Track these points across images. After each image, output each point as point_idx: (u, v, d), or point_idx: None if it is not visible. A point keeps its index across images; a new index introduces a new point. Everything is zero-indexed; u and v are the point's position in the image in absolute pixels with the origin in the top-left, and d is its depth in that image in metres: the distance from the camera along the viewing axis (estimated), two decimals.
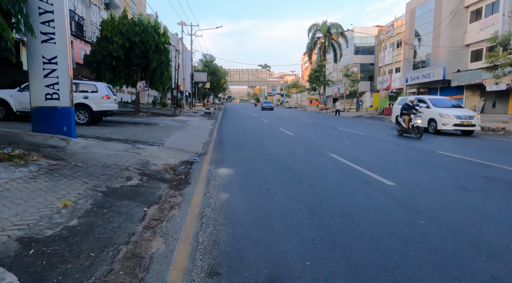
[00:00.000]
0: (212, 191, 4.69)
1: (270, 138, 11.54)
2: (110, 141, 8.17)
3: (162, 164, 6.54)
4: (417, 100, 14.39)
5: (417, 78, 33.29)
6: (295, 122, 20.18)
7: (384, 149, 9.16)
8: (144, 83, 20.71)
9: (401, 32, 39.90)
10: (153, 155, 7.24)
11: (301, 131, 13.98)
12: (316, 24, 48.23)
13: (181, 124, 15.62)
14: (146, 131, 11.37)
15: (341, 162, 6.95)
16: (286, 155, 7.88)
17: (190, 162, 7.01)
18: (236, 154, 7.97)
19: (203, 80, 41.08)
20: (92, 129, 10.44)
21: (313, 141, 10.79)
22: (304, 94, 72.64)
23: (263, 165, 6.59)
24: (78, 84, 11.73)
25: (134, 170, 5.69)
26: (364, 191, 4.71)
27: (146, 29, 19.27)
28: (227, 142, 10.29)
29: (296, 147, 9.31)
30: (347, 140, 10.87)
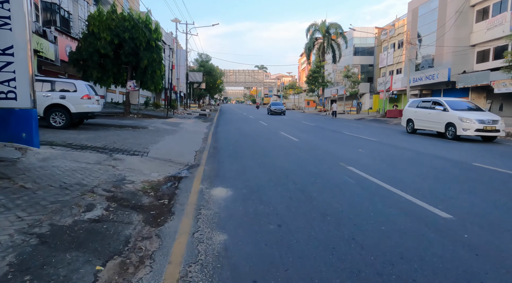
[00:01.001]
0: (204, 229, 3.35)
1: (272, 144, 10.22)
2: (83, 150, 6.79)
3: (141, 181, 5.18)
4: (432, 102, 13.19)
5: (420, 80, 32.24)
6: (296, 125, 18.89)
7: (408, 159, 7.87)
8: (135, 82, 19.30)
9: (402, 32, 38.92)
10: (132, 168, 5.88)
11: (305, 136, 12.68)
12: (315, 24, 47.17)
13: (173, 127, 14.24)
14: (131, 136, 9.99)
15: (365, 178, 5.64)
16: (294, 167, 6.56)
17: (178, 177, 5.66)
18: (235, 166, 6.63)
19: (198, 80, 39.66)
20: (67, 134, 9.04)
21: (321, 148, 9.49)
22: (301, 95, 71.54)
23: (268, 183, 5.26)
24: (54, 82, 10.32)
25: (101, 192, 4.32)
26: (414, 228, 3.40)
27: (137, 25, 17.91)
28: (224, 149, 8.95)
29: (304, 156, 7.99)
30: (360, 147, 9.58)
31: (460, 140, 11.74)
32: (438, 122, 12.39)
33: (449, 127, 11.85)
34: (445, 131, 12.07)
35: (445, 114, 12.07)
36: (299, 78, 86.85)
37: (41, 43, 15.99)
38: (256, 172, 6.14)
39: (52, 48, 17.28)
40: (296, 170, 6.32)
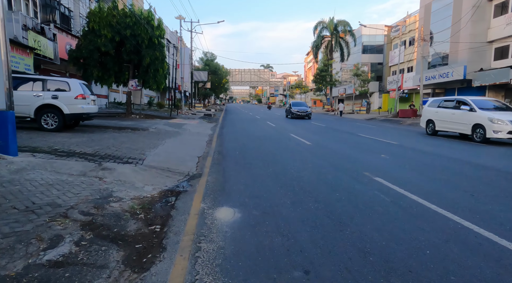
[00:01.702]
0: (203, 277, 2.44)
1: (283, 148, 9.28)
2: (69, 157, 5.93)
3: (131, 198, 4.29)
4: (456, 101, 12.11)
5: (433, 78, 30.97)
6: (306, 126, 17.91)
7: (443, 168, 6.86)
8: (137, 81, 18.51)
9: (414, 29, 37.64)
10: (123, 180, 5.00)
11: (318, 139, 11.71)
12: (323, 22, 46.03)
13: (175, 129, 13.38)
14: (129, 139, 9.14)
15: (400, 194, 4.68)
16: (312, 179, 5.62)
17: (176, 192, 4.76)
18: (242, 177, 5.71)
19: (203, 79, 38.83)
20: (58, 138, 8.21)
21: (338, 153, 8.52)
22: (308, 95, 70.41)
23: (284, 201, 4.33)
24: (46, 80, 9.51)
25: (77, 216, 3.44)
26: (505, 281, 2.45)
27: (138, 21, 17.09)
28: (230, 155, 8.04)
29: (320, 163, 7.04)
30: (381, 152, 8.59)
31: (490, 143, 10.66)
32: (464, 123, 11.32)
33: (477, 129, 10.77)
34: (472, 133, 10.99)
35: (472, 114, 11.00)
36: (305, 77, 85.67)
37: (39, 40, 15.29)
38: (268, 184, 5.21)
39: (51, 46, 16.59)
40: (315, 182, 5.38)
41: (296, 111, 25.25)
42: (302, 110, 25.40)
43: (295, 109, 25.47)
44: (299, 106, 26.35)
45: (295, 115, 25.25)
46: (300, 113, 25.21)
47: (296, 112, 25.23)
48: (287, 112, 27.27)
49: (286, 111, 27.96)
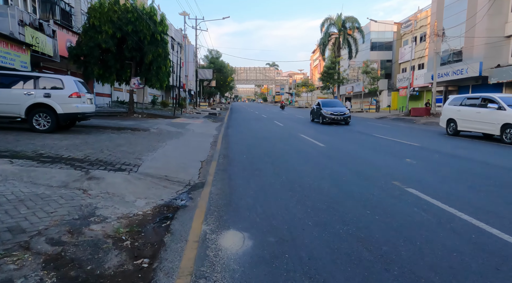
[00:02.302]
0: None
1: (295, 151, 8.46)
2: (54, 164, 5.18)
3: (118, 217, 3.52)
4: (481, 99, 11.14)
5: (446, 75, 29.81)
6: (316, 126, 17.04)
7: (486, 176, 5.96)
8: (139, 79, 17.80)
9: (425, 25, 36.42)
10: (111, 193, 4.23)
11: (331, 140, 10.85)
12: (330, 18, 44.87)
13: (178, 129, 12.62)
14: (127, 141, 8.40)
15: (445, 212, 3.84)
16: (334, 190, 4.79)
17: (173, 208, 3.98)
18: (252, 187, 4.91)
19: (208, 77, 38.07)
20: (48, 140, 7.50)
21: (356, 157, 7.67)
22: (314, 93, 69.32)
23: (305, 221, 3.52)
24: (38, 77, 8.81)
25: (43, 246, 2.68)
26: None
27: (140, 17, 16.38)
28: (236, 159, 7.24)
29: (339, 170, 6.20)
30: (405, 156, 7.72)
31: None
32: (491, 123, 10.36)
33: (507, 129, 9.81)
34: (501, 134, 10.02)
35: (501, 113, 10.03)
36: (311, 75, 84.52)
37: (37, 37, 14.64)
38: (282, 198, 4.40)
39: (50, 43, 15.93)
40: (338, 194, 4.55)
41: (330, 113, 18.06)
42: (338, 112, 18.10)
43: (328, 111, 18.27)
44: (333, 107, 19.07)
45: (328, 119, 18.10)
46: (336, 117, 18.00)
47: (329, 115, 18.05)
48: (315, 115, 19.96)
49: (313, 114, 20.61)
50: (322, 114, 18.47)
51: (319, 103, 19.82)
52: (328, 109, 18.57)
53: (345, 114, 18.14)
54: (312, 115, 20.91)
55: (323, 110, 18.48)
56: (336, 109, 18.51)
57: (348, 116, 18.20)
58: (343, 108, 19.00)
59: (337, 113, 18.12)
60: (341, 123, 18.19)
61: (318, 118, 19.17)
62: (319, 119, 19.05)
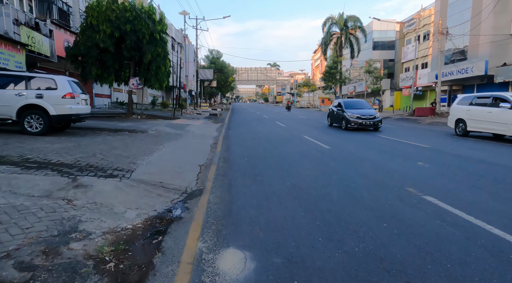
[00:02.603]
0: None
1: (299, 154, 8.04)
2: (39, 170, 4.79)
3: (104, 232, 3.12)
4: (492, 98, 10.70)
5: (451, 74, 29.33)
6: (319, 127, 16.61)
7: (509, 182, 5.56)
8: (138, 80, 17.43)
9: (428, 23, 35.95)
10: (99, 203, 3.83)
11: (336, 141, 10.43)
12: (332, 18, 44.46)
13: (177, 130, 12.23)
14: (122, 144, 8.00)
15: (472, 224, 3.42)
16: (344, 198, 4.38)
17: (166, 220, 3.57)
18: (254, 195, 4.50)
19: (209, 77, 37.67)
20: (38, 143, 7.11)
21: (365, 160, 7.25)
22: (316, 93, 68.90)
23: (315, 237, 3.11)
24: (30, 77, 8.42)
25: (10, 272, 2.28)
26: None
27: (139, 15, 16.00)
28: (237, 162, 6.83)
29: (348, 174, 5.78)
30: (416, 158, 7.29)
31: None
32: (503, 123, 9.92)
33: None
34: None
35: None
36: (313, 75, 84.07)
37: (33, 36, 14.31)
38: (288, 207, 3.99)
39: (47, 43, 15.61)
40: (349, 203, 4.13)
41: (357, 117, 14.10)
42: (367, 115, 14.18)
43: (354, 114, 14.27)
44: (359, 108, 14.99)
45: (354, 125, 14.07)
46: (364, 121, 14.03)
47: (356, 119, 14.06)
48: (335, 118, 16.03)
49: (332, 117, 16.63)
50: (345, 118, 14.42)
51: (340, 104, 15.69)
52: (353, 111, 14.50)
53: (375, 118, 14.19)
54: (330, 118, 16.94)
55: (347, 113, 14.42)
56: (364, 112, 14.48)
57: (379, 121, 14.31)
58: (371, 110, 14.95)
59: (365, 116, 14.11)
60: (370, 129, 14.37)
61: (339, 122, 15.33)
62: (339, 123, 15.24)
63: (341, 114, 15.08)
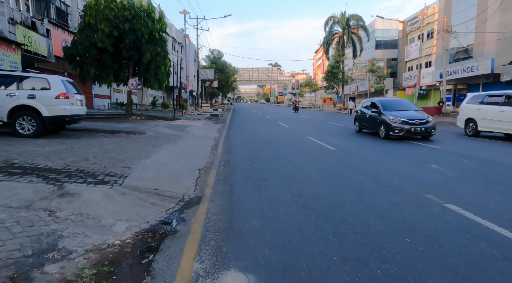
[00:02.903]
0: None
1: (303, 155, 7.63)
2: (24, 176, 4.40)
3: (86, 249, 2.72)
4: (505, 96, 10.25)
5: (455, 73, 28.83)
6: (323, 127, 16.19)
7: None
8: (137, 80, 17.07)
9: (432, 21, 35.46)
10: (85, 214, 3.43)
11: (341, 143, 10.02)
12: (334, 17, 44.04)
13: (177, 131, 11.84)
14: (118, 146, 7.61)
15: (508, 240, 2.99)
16: (358, 208, 3.97)
17: (159, 235, 3.17)
18: (258, 203, 4.10)
19: (210, 78, 37.29)
20: (29, 146, 6.73)
21: (375, 163, 6.83)
22: (317, 93, 68.43)
23: (329, 256, 2.70)
24: (22, 77, 8.05)
25: None
26: None
27: (138, 14, 15.65)
28: (238, 166, 6.43)
29: (359, 179, 5.36)
30: (429, 161, 6.86)
31: None
32: None
33: None
34: None
35: None
36: (314, 75, 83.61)
37: (29, 36, 13.96)
38: (296, 218, 3.58)
39: (44, 43, 15.25)
40: (364, 213, 3.71)
41: (402, 121, 10.48)
42: (416, 120, 10.59)
43: (398, 117, 10.63)
44: (403, 110, 11.37)
45: (400, 132, 10.43)
46: (413, 127, 10.41)
47: (401, 124, 10.44)
48: (369, 123, 12.24)
49: (362, 121, 12.97)
50: (385, 122, 10.66)
51: (374, 105, 11.95)
52: (395, 114, 10.66)
53: (427, 123, 10.49)
54: (358, 123, 13.12)
55: (388, 116, 10.63)
56: (411, 115, 10.70)
57: (433, 127, 10.51)
58: (421, 113, 11.21)
59: (414, 120, 10.39)
60: (417, 138, 10.85)
61: (373, 127, 11.65)
62: (374, 129, 11.58)
63: (377, 118, 11.27)
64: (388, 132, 10.62)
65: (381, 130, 11.11)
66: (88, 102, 22.91)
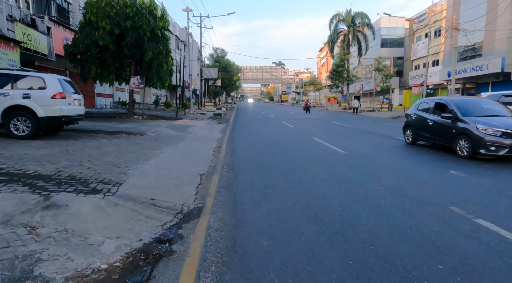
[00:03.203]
0: None
1: (311, 158, 7.21)
2: (9, 184, 4.03)
3: (66, 277, 2.33)
4: None
5: (464, 72, 28.19)
6: (328, 127, 15.74)
7: None
8: (139, 78, 16.71)
9: (440, 19, 34.74)
10: (70, 230, 3.05)
11: (350, 145, 9.57)
12: (339, 15, 43.44)
13: (179, 132, 11.46)
14: (116, 148, 7.24)
15: None
16: (375, 223, 3.55)
17: (152, 256, 2.77)
18: (264, 216, 3.69)
19: (213, 76, 36.92)
20: (21, 149, 6.37)
21: (388, 168, 6.39)
22: (322, 92, 67.80)
23: None
24: (17, 76, 7.70)
25: None
26: None
27: (140, 11, 15.29)
28: (243, 171, 6.02)
29: (373, 188, 4.94)
30: (448, 167, 6.40)
31: None
32: None
33: None
34: None
35: None
36: (318, 74, 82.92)
37: (29, 33, 13.64)
38: (310, 237, 3.16)
39: (44, 41, 14.93)
40: (385, 231, 3.28)
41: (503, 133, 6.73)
42: None
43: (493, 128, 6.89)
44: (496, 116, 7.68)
45: (498, 149, 6.69)
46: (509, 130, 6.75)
47: (499, 139, 6.71)
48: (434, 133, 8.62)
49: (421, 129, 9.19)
50: (471, 134, 7.17)
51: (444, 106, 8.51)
52: (486, 121, 7.26)
53: None
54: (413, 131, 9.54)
55: (476, 125, 7.16)
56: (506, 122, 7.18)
57: None
58: None
59: None
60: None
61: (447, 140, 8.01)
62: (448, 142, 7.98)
63: (451, 126, 7.82)
64: (477, 149, 6.96)
65: (460, 145, 7.47)
66: (90, 101, 22.64)
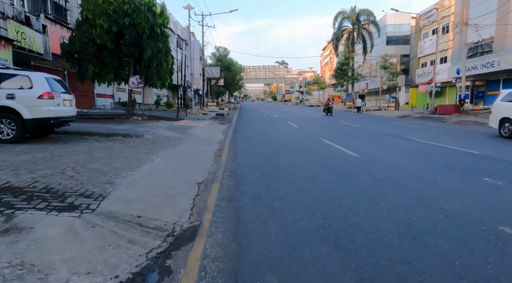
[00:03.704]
0: None
1: (322, 163, 6.53)
2: None
3: None
4: None
5: (474, 68, 27.29)
6: (336, 127, 15.02)
7: None
8: (138, 78, 16.11)
9: (448, 15, 33.84)
10: (28, 264, 2.39)
11: (361, 146, 8.87)
12: (343, 12, 42.63)
13: (178, 134, 10.82)
14: (107, 153, 6.61)
15: None
16: (411, 248, 2.88)
17: None
18: (273, 243, 3.02)
19: (215, 76, 36.28)
20: (3, 153, 5.76)
21: (410, 175, 5.69)
22: (325, 91, 66.97)
23: None
24: (0, 75, 7.10)
25: None
26: None
27: (138, 8, 14.68)
28: (246, 179, 5.36)
29: (398, 199, 4.25)
30: (474, 170, 5.71)
31: None
32: None
33: None
34: None
35: None
36: (322, 73, 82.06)
37: (23, 32, 13.08)
38: (329, 269, 2.49)
39: (39, 39, 14.37)
40: (425, 260, 2.60)
41: None
42: None
43: None
44: None
45: None
46: None
47: None
48: None
49: None
50: None
51: None
52: None
53: None
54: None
55: None
56: None
57: None
58: None
59: None
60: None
61: None
62: None
63: None
64: None
65: None
66: (90, 101, 22.11)
